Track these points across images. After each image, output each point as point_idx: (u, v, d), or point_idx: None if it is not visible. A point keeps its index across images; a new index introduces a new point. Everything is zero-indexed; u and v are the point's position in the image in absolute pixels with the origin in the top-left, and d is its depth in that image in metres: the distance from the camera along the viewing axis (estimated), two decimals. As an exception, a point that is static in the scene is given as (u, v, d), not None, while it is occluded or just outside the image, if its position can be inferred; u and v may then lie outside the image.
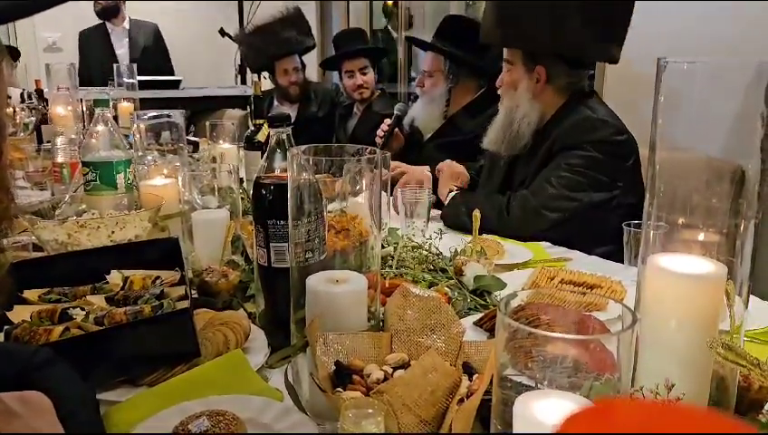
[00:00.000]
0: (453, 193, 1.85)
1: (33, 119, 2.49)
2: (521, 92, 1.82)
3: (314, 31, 3.73)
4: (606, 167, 1.67)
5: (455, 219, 1.73)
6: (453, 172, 1.99)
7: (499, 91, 1.93)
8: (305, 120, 3.46)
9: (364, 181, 0.80)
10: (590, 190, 1.65)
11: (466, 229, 1.52)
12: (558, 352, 0.57)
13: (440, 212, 1.79)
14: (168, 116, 1.52)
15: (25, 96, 3.14)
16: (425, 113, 2.58)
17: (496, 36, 1.86)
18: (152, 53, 5.06)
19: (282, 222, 0.88)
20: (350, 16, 5.18)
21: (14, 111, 2.48)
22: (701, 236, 0.67)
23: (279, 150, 0.91)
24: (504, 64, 1.89)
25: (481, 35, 1.93)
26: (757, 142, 0.65)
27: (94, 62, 4.86)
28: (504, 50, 1.89)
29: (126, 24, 5.06)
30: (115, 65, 2.85)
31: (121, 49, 5.02)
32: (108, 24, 5.01)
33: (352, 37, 3.38)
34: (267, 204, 0.90)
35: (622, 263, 1.36)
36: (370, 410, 0.55)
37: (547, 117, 1.81)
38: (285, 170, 0.87)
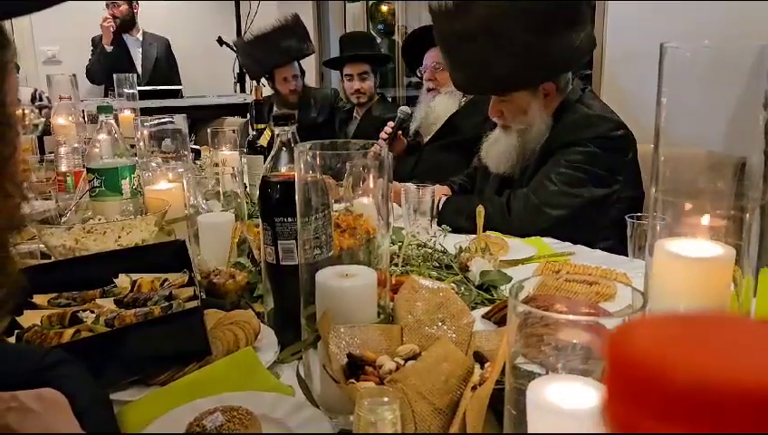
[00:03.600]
0: (444, 198, 1.76)
1: (42, 119, 2.48)
2: (533, 113, 1.75)
3: (310, 32, 3.73)
4: (605, 162, 1.66)
5: (452, 225, 1.58)
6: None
7: (498, 120, 1.83)
8: (305, 125, 3.46)
9: (371, 177, 0.80)
10: (590, 186, 1.65)
11: (465, 231, 1.52)
12: (569, 338, 0.57)
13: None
14: (172, 121, 1.52)
15: (36, 96, 3.13)
16: (444, 106, 2.53)
17: (491, 86, 1.77)
18: (164, 66, 5.15)
19: (289, 219, 0.89)
20: (346, 19, 5.19)
21: (24, 114, 2.48)
22: (707, 221, 0.68)
23: (284, 149, 0.92)
24: (492, 97, 1.81)
25: (462, 87, 1.85)
26: (761, 126, 0.65)
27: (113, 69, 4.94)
28: None
29: (139, 36, 5.14)
30: (115, 75, 2.86)
31: (137, 59, 5.10)
32: (123, 35, 5.06)
33: (358, 41, 3.38)
34: (274, 202, 0.91)
35: (626, 256, 1.37)
36: (386, 398, 0.55)
37: None
38: (291, 169, 0.87)
